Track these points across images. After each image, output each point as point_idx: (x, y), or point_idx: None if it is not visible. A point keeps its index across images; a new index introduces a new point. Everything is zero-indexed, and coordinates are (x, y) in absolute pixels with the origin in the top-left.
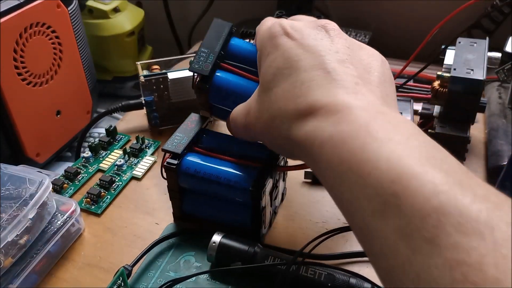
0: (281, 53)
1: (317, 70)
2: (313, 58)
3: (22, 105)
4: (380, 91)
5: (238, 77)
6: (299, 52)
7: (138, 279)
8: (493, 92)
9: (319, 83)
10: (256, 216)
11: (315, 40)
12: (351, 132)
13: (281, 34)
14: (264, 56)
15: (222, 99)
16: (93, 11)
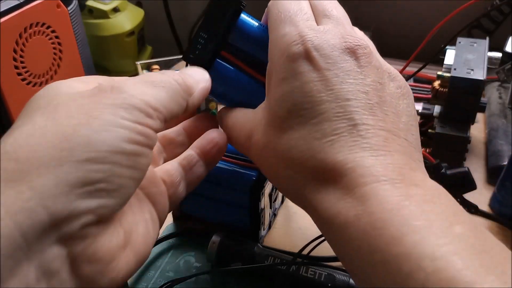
0: (300, 85)
1: (342, 120)
2: (338, 101)
3: (22, 105)
4: (408, 144)
5: (239, 73)
6: (322, 90)
7: (138, 279)
8: (493, 92)
9: (343, 140)
10: (255, 218)
11: (342, 73)
12: (383, 217)
13: (302, 58)
14: (278, 79)
15: (218, 96)
16: (93, 11)
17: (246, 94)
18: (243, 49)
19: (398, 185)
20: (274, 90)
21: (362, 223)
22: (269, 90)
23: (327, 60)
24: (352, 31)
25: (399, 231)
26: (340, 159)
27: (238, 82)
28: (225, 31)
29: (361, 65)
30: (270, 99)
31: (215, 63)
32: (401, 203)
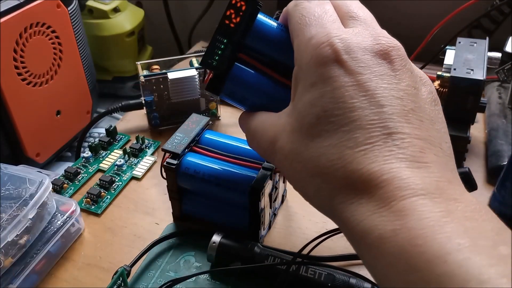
0: (331, 91)
1: (376, 128)
2: (372, 108)
3: (22, 105)
4: (443, 153)
5: (259, 75)
6: (355, 96)
7: (138, 279)
8: (493, 92)
9: (377, 149)
10: (255, 218)
11: (375, 77)
12: (424, 233)
13: (333, 61)
14: (306, 84)
15: (237, 99)
16: (93, 11)
17: (266, 97)
18: (262, 51)
19: (437, 200)
20: (302, 95)
21: (400, 238)
22: (296, 95)
23: (359, 64)
24: (383, 32)
25: (442, 249)
26: (375, 170)
27: (258, 85)
28: (242, 33)
29: (395, 69)
30: (296, 104)
31: (234, 67)
32: (442, 219)
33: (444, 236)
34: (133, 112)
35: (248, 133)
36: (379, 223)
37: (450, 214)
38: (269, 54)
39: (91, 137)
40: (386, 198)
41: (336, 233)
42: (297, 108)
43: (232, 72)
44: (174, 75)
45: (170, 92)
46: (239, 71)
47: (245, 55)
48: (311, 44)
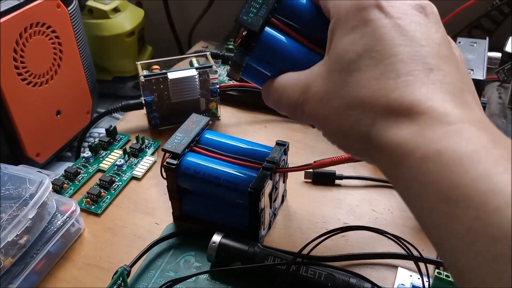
0: (372, 31)
1: (418, 63)
2: (412, 46)
3: (22, 105)
4: (477, 101)
5: (291, 40)
6: (396, 35)
7: (138, 279)
8: (493, 92)
9: (420, 81)
10: (255, 218)
11: (414, 23)
12: (470, 155)
13: (373, 7)
14: (346, 29)
15: (266, 62)
16: (93, 11)
17: (297, 60)
18: (293, 19)
19: (483, 130)
20: (340, 40)
21: (445, 158)
22: (333, 43)
23: (399, 11)
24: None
25: (488, 170)
26: (419, 98)
27: (289, 47)
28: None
29: (431, 21)
30: (334, 49)
31: (267, 28)
32: (489, 144)
33: (491, 159)
34: (133, 112)
35: (276, 91)
36: (422, 143)
37: (496, 142)
38: (300, 23)
39: (91, 137)
40: (431, 122)
41: (336, 233)
42: (335, 52)
43: (266, 32)
44: (174, 75)
45: (170, 92)
46: (271, 31)
47: (277, 21)
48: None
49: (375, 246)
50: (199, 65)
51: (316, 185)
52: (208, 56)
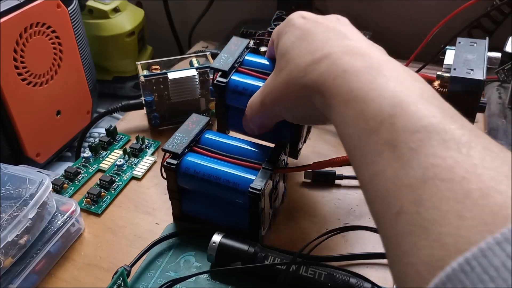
0: (298, 27)
1: (332, 31)
2: (328, 27)
3: (22, 105)
4: (376, 48)
5: (253, 77)
6: (315, 25)
7: (138, 279)
8: (493, 92)
9: (335, 39)
10: (255, 218)
11: (328, 21)
12: (365, 68)
13: (297, 17)
14: (282, 36)
15: (239, 95)
16: (93, 11)
17: (258, 87)
18: (252, 66)
19: (381, 56)
20: (279, 44)
21: (348, 73)
22: (277, 49)
23: (317, 17)
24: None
25: (374, 76)
26: (333, 45)
27: (251, 81)
28: (240, 54)
29: (341, 23)
30: (277, 50)
31: (233, 73)
32: (382, 62)
33: (378, 71)
34: (133, 112)
35: (247, 108)
36: (334, 68)
37: (387, 61)
38: (259, 67)
39: (91, 137)
40: (341, 54)
41: (336, 233)
42: (277, 52)
43: (232, 75)
44: (174, 75)
45: (170, 92)
46: (236, 75)
47: (243, 68)
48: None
49: (375, 246)
50: (199, 65)
51: (316, 185)
52: (208, 56)
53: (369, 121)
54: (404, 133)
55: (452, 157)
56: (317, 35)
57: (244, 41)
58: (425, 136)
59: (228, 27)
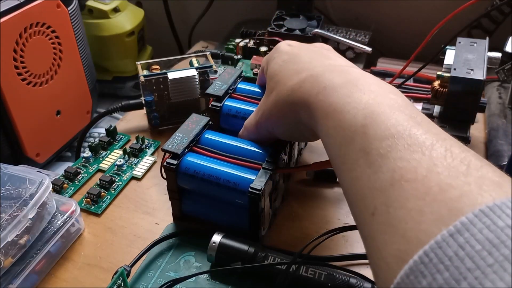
0: (285, 53)
1: (315, 53)
2: (311, 50)
3: (22, 105)
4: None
5: (246, 103)
6: (300, 50)
7: (138, 279)
8: (493, 92)
9: (317, 59)
10: (255, 218)
11: (313, 46)
12: (343, 84)
13: (284, 45)
14: (270, 62)
15: (232, 117)
16: (93, 11)
17: (250, 111)
18: (245, 92)
19: (359, 71)
20: (269, 67)
21: (328, 89)
22: (266, 74)
23: (302, 44)
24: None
25: (350, 90)
26: (317, 66)
27: (244, 105)
28: (233, 82)
29: (325, 50)
30: (267, 74)
31: (227, 98)
32: (359, 77)
33: (354, 86)
34: (133, 112)
35: (243, 129)
36: (316, 85)
37: (363, 76)
38: (252, 93)
39: (91, 137)
40: (323, 73)
41: (336, 233)
42: (267, 76)
43: (226, 100)
44: (174, 75)
45: (170, 92)
46: (230, 100)
47: (236, 95)
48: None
49: None
50: (199, 65)
51: (316, 184)
52: (208, 56)
53: (346, 131)
54: (375, 141)
55: (415, 159)
56: (302, 57)
57: (237, 71)
58: (392, 142)
59: (228, 27)
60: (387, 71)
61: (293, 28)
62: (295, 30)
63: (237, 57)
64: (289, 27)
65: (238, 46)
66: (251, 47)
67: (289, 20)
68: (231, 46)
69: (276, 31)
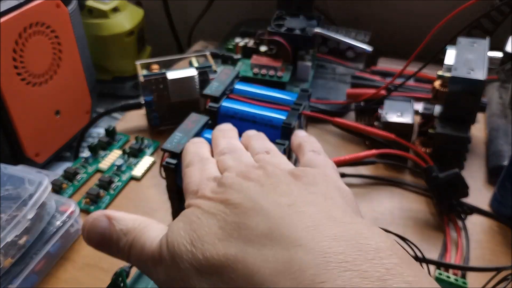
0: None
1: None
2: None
3: (21, 105)
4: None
5: (243, 103)
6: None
7: (137, 279)
8: (494, 92)
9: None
10: None
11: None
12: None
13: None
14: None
15: (230, 118)
16: (93, 11)
17: (248, 111)
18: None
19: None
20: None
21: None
22: None
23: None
24: None
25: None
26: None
27: (241, 105)
28: (231, 82)
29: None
30: None
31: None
32: (316, 280)
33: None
34: (133, 112)
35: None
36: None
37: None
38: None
39: (90, 137)
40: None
41: None
42: None
43: (223, 100)
44: (173, 75)
45: (170, 92)
46: (227, 101)
47: (233, 95)
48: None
49: None
50: (198, 65)
51: None
52: (207, 56)
53: None
54: None
55: None
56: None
57: (234, 71)
58: None
59: (228, 27)
60: (387, 71)
61: (293, 28)
62: (295, 30)
63: (237, 57)
64: (289, 27)
65: (238, 46)
66: (251, 47)
67: (289, 20)
68: (231, 46)
69: (276, 31)
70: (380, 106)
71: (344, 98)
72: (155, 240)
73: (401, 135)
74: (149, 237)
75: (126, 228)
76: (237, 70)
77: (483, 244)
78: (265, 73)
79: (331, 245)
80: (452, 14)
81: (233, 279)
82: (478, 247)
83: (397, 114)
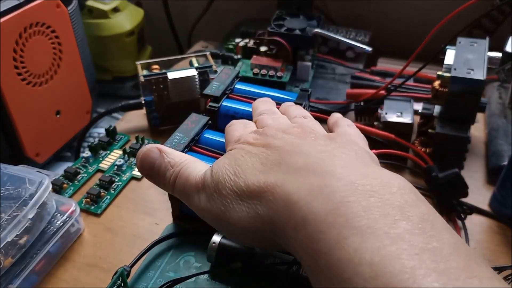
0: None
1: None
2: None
3: (22, 105)
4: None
5: (244, 103)
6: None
7: (138, 279)
8: (494, 92)
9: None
10: None
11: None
12: (327, 216)
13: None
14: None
15: (230, 118)
16: (93, 11)
17: (248, 111)
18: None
19: (348, 175)
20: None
21: (309, 226)
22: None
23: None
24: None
25: (340, 233)
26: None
27: (241, 105)
28: (230, 82)
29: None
30: None
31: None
32: (347, 197)
33: (344, 221)
34: (133, 112)
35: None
36: (290, 213)
37: (353, 193)
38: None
39: (90, 137)
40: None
41: None
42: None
43: (223, 100)
44: (174, 75)
45: (170, 92)
46: (227, 100)
47: (233, 95)
48: None
49: None
50: (199, 65)
51: None
52: (208, 56)
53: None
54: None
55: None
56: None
57: (234, 71)
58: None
59: (228, 27)
60: (387, 71)
61: (293, 28)
62: (295, 30)
63: (237, 57)
64: (289, 27)
65: (238, 46)
66: (251, 47)
67: (289, 20)
68: (231, 46)
69: (276, 31)
70: (380, 106)
71: (344, 98)
72: (199, 172)
73: (401, 135)
74: (194, 170)
75: (174, 161)
76: (237, 70)
77: (483, 244)
78: (265, 73)
79: (359, 178)
80: (452, 14)
81: (271, 201)
82: (478, 247)
83: (397, 114)
